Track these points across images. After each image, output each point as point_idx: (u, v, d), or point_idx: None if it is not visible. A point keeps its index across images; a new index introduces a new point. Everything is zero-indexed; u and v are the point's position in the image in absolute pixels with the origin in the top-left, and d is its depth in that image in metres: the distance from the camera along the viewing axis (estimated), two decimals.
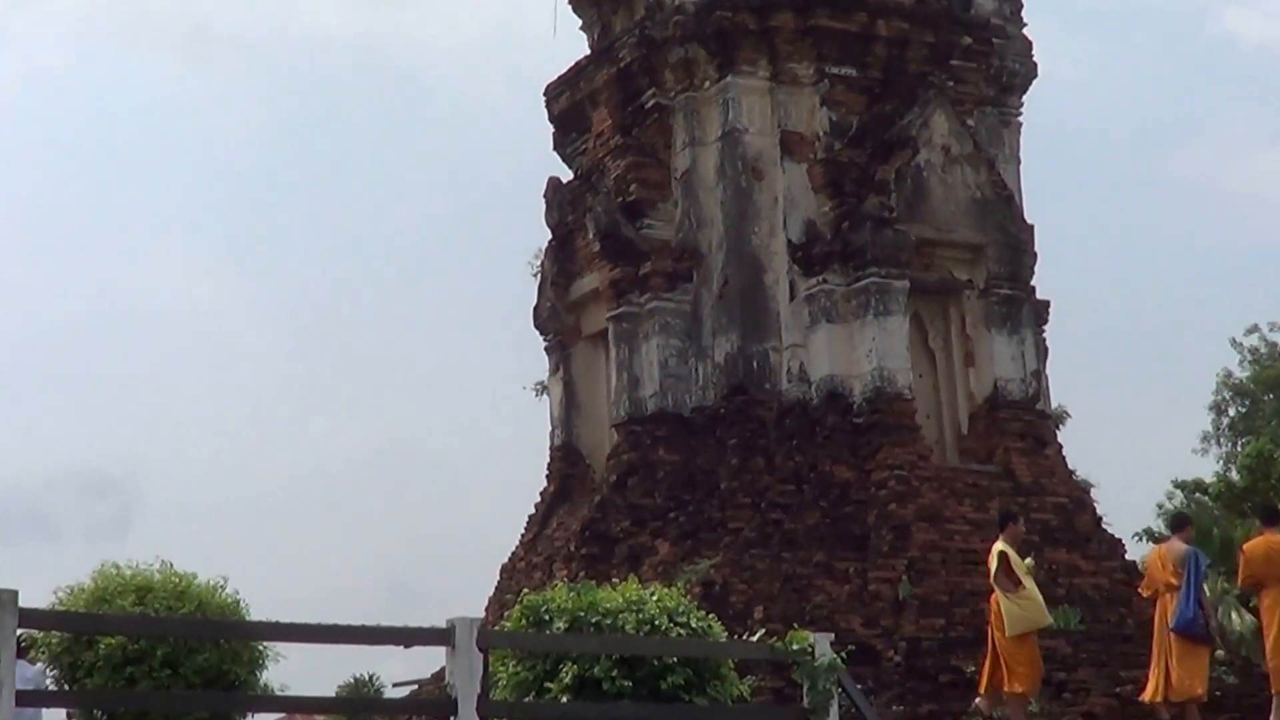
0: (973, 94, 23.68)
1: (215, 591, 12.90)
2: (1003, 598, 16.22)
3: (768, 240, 22.41)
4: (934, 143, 22.42)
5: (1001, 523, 17.05)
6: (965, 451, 22.25)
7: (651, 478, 21.99)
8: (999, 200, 22.74)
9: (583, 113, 24.58)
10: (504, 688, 12.11)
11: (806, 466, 21.36)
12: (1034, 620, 16.25)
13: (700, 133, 22.90)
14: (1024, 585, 16.23)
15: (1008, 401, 22.20)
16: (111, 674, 12.21)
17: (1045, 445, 22.41)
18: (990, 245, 22.49)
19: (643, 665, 11.93)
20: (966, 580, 20.20)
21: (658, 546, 21.18)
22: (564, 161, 25.34)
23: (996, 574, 16.27)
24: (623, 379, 22.79)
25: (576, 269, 24.05)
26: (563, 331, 24.31)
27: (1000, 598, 16.26)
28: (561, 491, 23.81)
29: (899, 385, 21.52)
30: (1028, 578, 16.35)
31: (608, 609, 12.15)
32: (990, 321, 22.43)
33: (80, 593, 12.69)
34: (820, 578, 20.23)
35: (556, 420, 24.27)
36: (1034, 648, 16.36)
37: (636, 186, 23.01)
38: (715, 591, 19.67)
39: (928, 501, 20.78)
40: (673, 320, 22.61)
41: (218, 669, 12.46)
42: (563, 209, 24.17)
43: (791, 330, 22.12)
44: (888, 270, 21.71)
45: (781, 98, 22.70)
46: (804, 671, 12.57)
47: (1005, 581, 16.21)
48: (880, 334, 21.59)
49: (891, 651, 19.29)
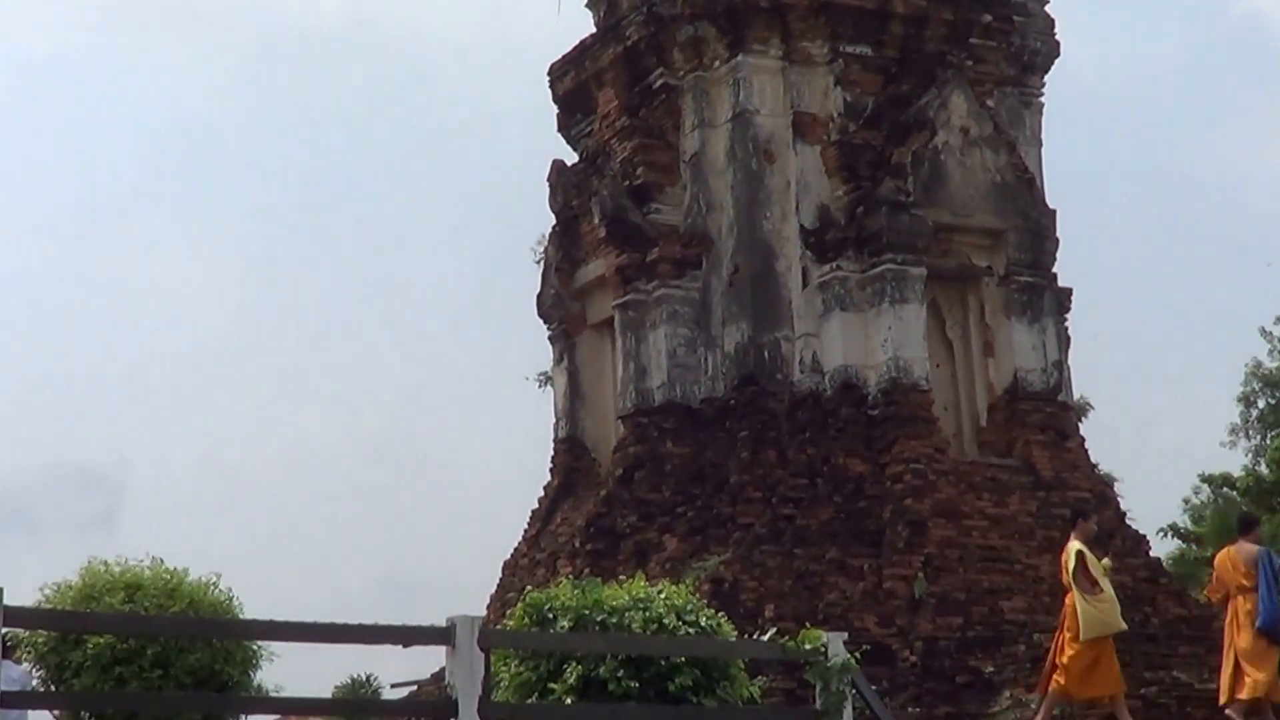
0: (993, 74, 23.66)
1: (207, 589, 12.91)
2: (1080, 599, 16.11)
3: (780, 225, 22.40)
4: (952, 124, 22.40)
5: (1073, 519, 17.01)
6: (984, 444, 22.24)
7: (659, 471, 22.00)
8: (1020, 184, 22.71)
9: (588, 93, 24.56)
10: (506, 688, 12.12)
11: (819, 460, 21.36)
12: (1110, 624, 16.20)
13: (710, 114, 22.88)
14: (1101, 587, 16.20)
15: (1028, 393, 22.19)
16: (100, 674, 12.23)
17: (1067, 438, 22.39)
18: (1010, 231, 22.48)
19: (650, 665, 11.94)
20: (985, 578, 20.21)
21: (665, 542, 21.20)
22: (568, 144, 25.32)
23: (1075, 574, 16.17)
24: (629, 369, 22.79)
25: (581, 255, 24.04)
26: (567, 320, 24.30)
27: (1077, 599, 16.13)
28: (566, 485, 23.81)
29: (915, 376, 21.51)
30: (1104, 579, 16.30)
31: (613, 607, 12.16)
32: (1010, 310, 22.41)
33: (67, 590, 12.70)
34: (833, 575, 20.24)
35: (560, 412, 24.27)
36: (1108, 652, 16.29)
37: (644, 170, 23.00)
38: (725, 589, 19.69)
39: (945, 496, 20.78)
40: (681, 308, 22.61)
41: (210, 669, 12.48)
42: (567, 193, 24.16)
43: (804, 319, 22.11)
44: (904, 257, 21.70)
45: (794, 78, 22.68)
46: (816, 672, 12.58)
47: (1085, 582, 16.15)
48: (896, 323, 21.58)
49: (907, 651, 19.30)
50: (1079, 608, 16.13)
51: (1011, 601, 20.15)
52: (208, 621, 12.47)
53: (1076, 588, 16.19)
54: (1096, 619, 16.10)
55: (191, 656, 12.36)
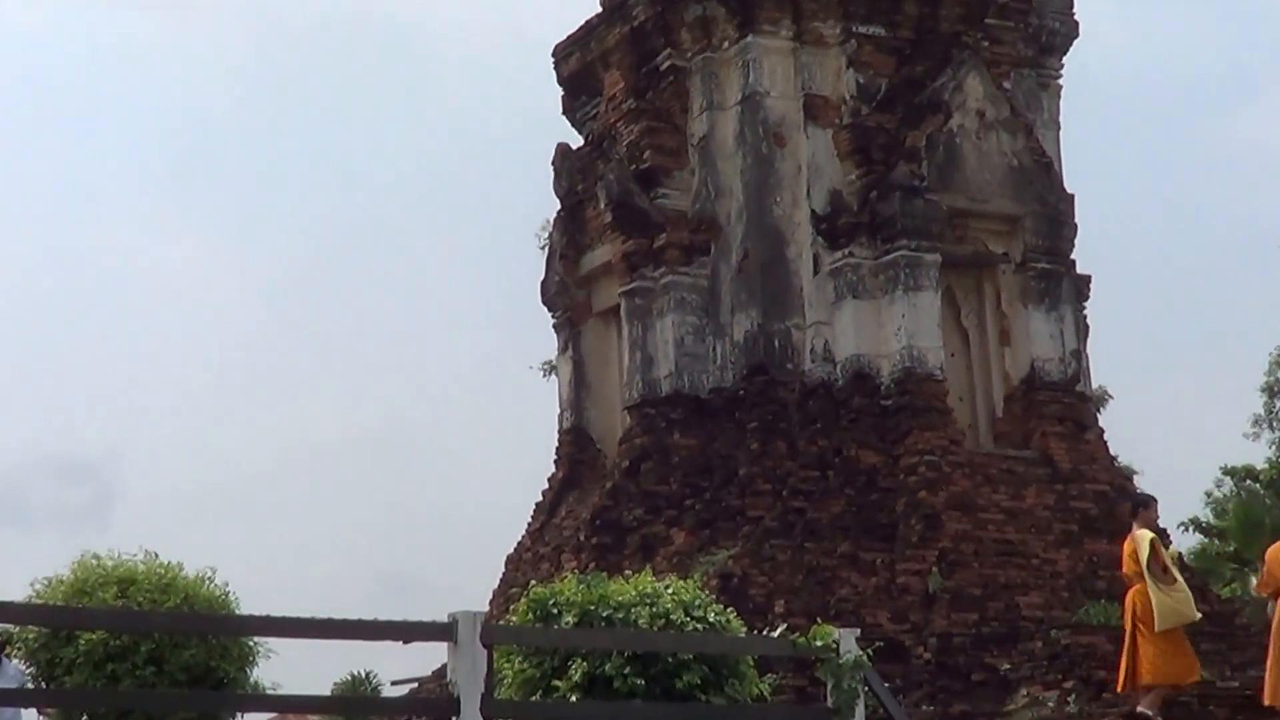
0: (1009, 54, 23.63)
1: (203, 583, 12.93)
2: (1155, 589, 16.00)
3: (790, 211, 22.39)
4: (968, 107, 22.38)
5: (1134, 509, 16.92)
6: (1000, 436, 22.24)
7: (666, 463, 22.00)
8: (1037, 168, 22.69)
9: (594, 75, 24.55)
10: (509, 686, 12.11)
11: (831, 451, 21.35)
12: (1184, 615, 16.13)
13: (719, 96, 22.87)
14: (1175, 576, 16.14)
15: (1046, 383, 22.18)
16: (92, 671, 12.24)
17: (1085, 429, 22.39)
18: (1027, 216, 22.46)
19: (656, 662, 11.92)
20: (1001, 573, 20.21)
21: (673, 536, 21.20)
22: (574, 127, 25.32)
23: (1149, 563, 16.09)
24: (636, 358, 22.78)
25: (587, 241, 24.05)
26: (572, 308, 24.30)
27: (1152, 589, 16.01)
28: (571, 478, 23.82)
29: (930, 365, 21.50)
30: (1174, 568, 16.27)
31: (620, 602, 12.15)
32: (1027, 297, 22.40)
33: (59, 585, 12.72)
34: (845, 570, 20.24)
35: (565, 402, 24.28)
36: (1182, 640, 16.22)
37: (651, 153, 22.99)
38: (734, 584, 19.69)
39: (960, 489, 20.78)
40: (689, 296, 22.61)
41: (205, 666, 12.50)
42: (572, 177, 24.16)
43: (815, 307, 22.10)
44: (918, 243, 21.69)
45: (805, 59, 22.66)
46: (828, 669, 12.56)
47: (1160, 572, 16.09)
48: (910, 311, 21.56)
49: (921, 648, 19.30)
50: (1153, 598, 15.97)
51: (1028, 597, 20.15)
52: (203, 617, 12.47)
53: (1151, 578, 16.07)
54: (1172, 609, 16.00)
55: (186, 653, 12.38)
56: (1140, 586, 16.18)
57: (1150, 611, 15.99)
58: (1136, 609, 16.16)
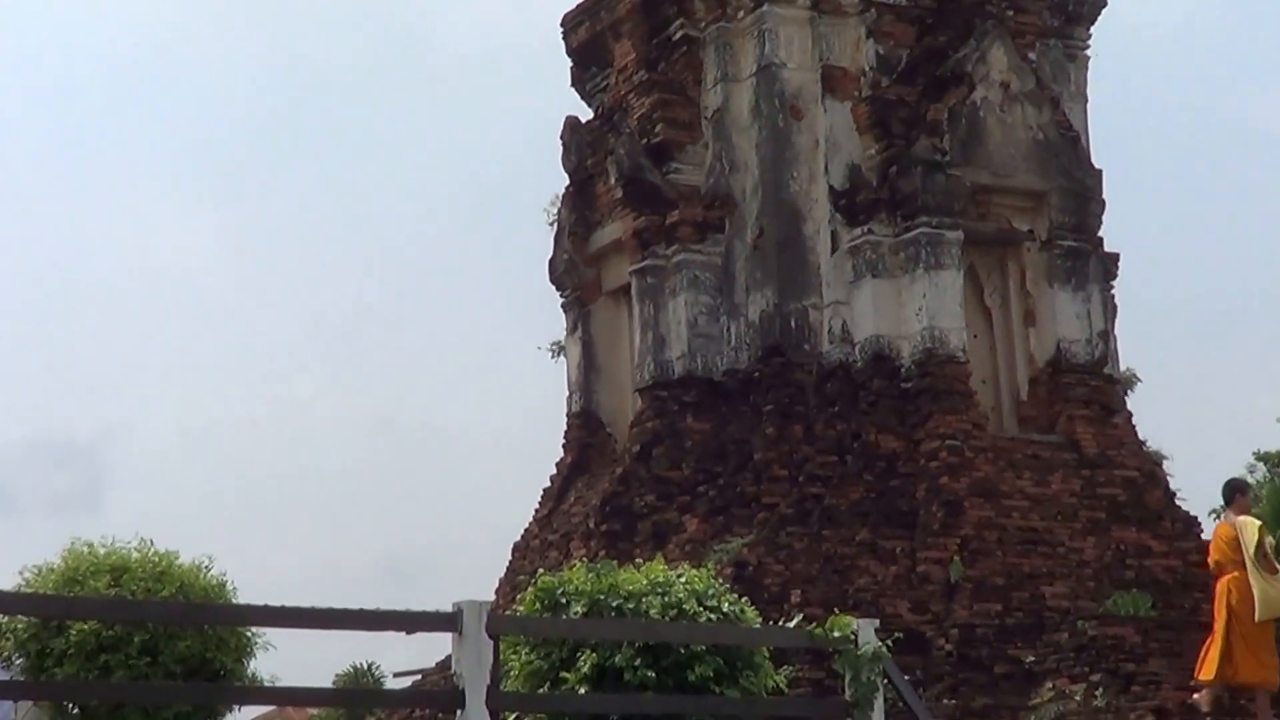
0: (1035, 24, 23.57)
1: (199, 572, 12.90)
2: (1258, 578, 15.86)
3: (807, 186, 22.35)
4: (991, 79, 22.33)
5: (1229, 495, 16.79)
6: (1024, 420, 22.22)
7: (679, 447, 21.99)
8: (1063, 142, 22.64)
9: (604, 45, 24.51)
10: (516, 678, 12.10)
11: (849, 436, 21.34)
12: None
13: (733, 68, 22.83)
14: (1276, 566, 16.03)
15: (1072, 365, 22.15)
16: (84, 663, 12.22)
17: (1113, 413, 22.35)
18: (1053, 192, 22.41)
19: (668, 653, 11.92)
20: (1025, 561, 20.19)
21: (685, 523, 21.20)
22: (583, 99, 25.30)
23: (1257, 552, 15.97)
24: (647, 339, 22.77)
25: (597, 218, 24.04)
26: (581, 286, 24.30)
27: (1254, 577, 15.84)
28: (579, 462, 23.83)
29: (951, 346, 21.48)
30: (1272, 557, 16.17)
31: (630, 592, 12.14)
32: (1053, 276, 22.36)
33: (49, 573, 12.69)
34: (864, 558, 20.24)
35: (574, 384, 24.28)
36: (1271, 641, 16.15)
37: (663, 127, 22.96)
38: (749, 573, 19.68)
39: (983, 475, 20.76)
40: (702, 274, 22.59)
41: (201, 657, 12.47)
42: (582, 152, 24.14)
43: (833, 286, 22.07)
44: (940, 220, 21.66)
45: (823, 29, 22.62)
46: (846, 661, 12.55)
47: (1266, 561, 15.97)
48: (931, 290, 21.53)
49: (942, 639, 19.30)
50: (1255, 587, 15.84)
51: (1053, 587, 20.14)
52: (199, 606, 12.45)
53: (1260, 566, 15.89)
54: (1275, 600, 15.89)
55: (182, 644, 12.35)
56: (1238, 575, 16.02)
57: (1250, 601, 15.84)
58: (1231, 598, 16.01)
